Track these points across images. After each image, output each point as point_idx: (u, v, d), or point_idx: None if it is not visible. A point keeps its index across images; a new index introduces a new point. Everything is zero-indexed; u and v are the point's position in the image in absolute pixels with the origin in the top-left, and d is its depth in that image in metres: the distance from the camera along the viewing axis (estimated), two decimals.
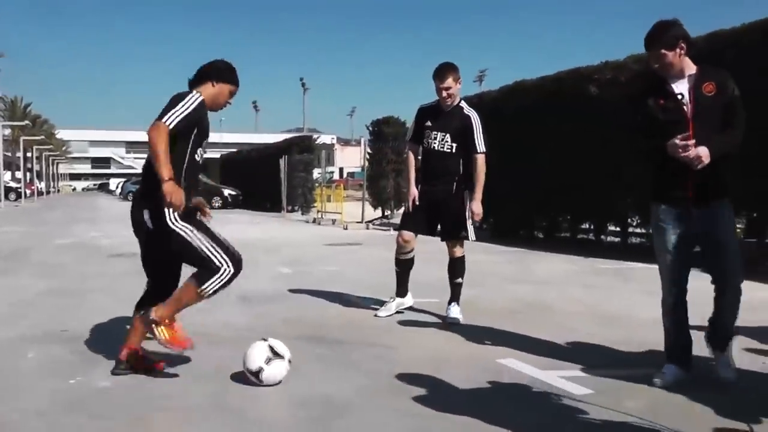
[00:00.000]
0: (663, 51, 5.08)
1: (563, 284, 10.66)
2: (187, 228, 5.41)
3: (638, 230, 15.76)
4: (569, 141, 15.95)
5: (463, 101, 7.80)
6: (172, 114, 5.28)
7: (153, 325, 5.47)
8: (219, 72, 5.71)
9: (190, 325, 7.31)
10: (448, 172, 7.65)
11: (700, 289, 5.43)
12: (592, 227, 17.03)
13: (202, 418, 4.68)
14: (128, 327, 5.80)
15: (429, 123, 7.75)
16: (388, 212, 28.51)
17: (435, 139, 7.67)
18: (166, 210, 5.29)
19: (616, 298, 9.36)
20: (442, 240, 7.90)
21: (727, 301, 5.36)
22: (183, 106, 5.34)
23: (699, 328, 5.64)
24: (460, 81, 7.65)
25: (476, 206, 7.59)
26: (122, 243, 16.94)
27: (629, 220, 15.72)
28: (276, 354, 5.41)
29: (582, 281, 10.97)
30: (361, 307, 8.59)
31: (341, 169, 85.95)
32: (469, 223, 7.68)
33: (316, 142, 39.99)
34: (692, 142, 4.95)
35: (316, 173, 37.00)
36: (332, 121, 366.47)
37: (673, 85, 5.14)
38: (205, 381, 5.48)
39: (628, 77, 14.71)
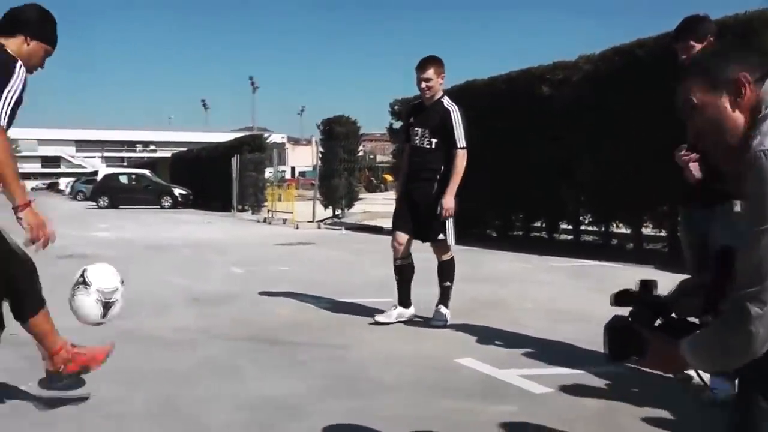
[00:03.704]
0: (692, 43, 5.02)
1: (518, 282, 10.65)
2: None
3: (590, 228, 15.85)
4: (522, 140, 15.97)
5: (445, 96, 7.57)
6: (4, 103, 3.94)
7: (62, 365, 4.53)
8: (37, 26, 4.31)
9: (141, 328, 7.20)
10: (428, 170, 7.42)
11: None
12: (544, 225, 17.09)
13: (152, 424, 4.55)
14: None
15: (412, 120, 7.61)
16: (339, 212, 28.40)
17: (417, 135, 7.47)
18: None
19: (571, 295, 9.36)
20: (423, 242, 7.66)
21: None
22: (13, 86, 3.99)
23: None
24: (443, 75, 7.47)
25: (447, 201, 7.31)
26: (71, 244, 16.67)
27: (581, 218, 15.80)
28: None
29: (536, 279, 10.97)
30: (314, 307, 8.48)
31: (293, 168, 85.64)
32: (449, 225, 7.44)
33: (267, 141, 39.81)
34: (690, 155, 4.90)
35: (268, 173, 36.79)
36: (282, 120, 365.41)
37: None
38: (155, 384, 5.34)
39: (580, 77, 14.80)
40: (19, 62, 4.08)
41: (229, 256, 14.42)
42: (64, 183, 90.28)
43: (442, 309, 7.50)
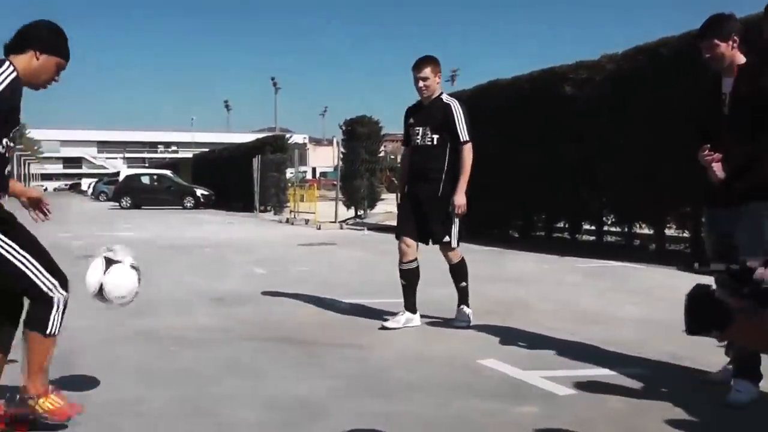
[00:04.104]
0: (716, 41, 4.97)
1: (540, 283, 10.61)
2: (2, 240, 4.14)
3: (613, 229, 15.77)
4: (544, 140, 15.92)
5: (443, 93, 7.47)
6: None
7: (30, 402, 4.29)
8: (47, 40, 4.29)
9: (163, 328, 7.23)
10: (432, 169, 7.26)
11: None
12: (567, 226, 17.02)
13: (175, 422, 4.56)
14: None
15: (412, 120, 7.46)
16: (361, 212, 28.41)
17: (418, 134, 7.33)
18: None
19: (593, 296, 9.31)
20: (426, 244, 7.50)
21: None
22: None
23: None
24: (439, 74, 7.37)
25: (459, 198, 7.17)
26: (92, 244, 16.74)
27: (604, 218, 15.73)
28: (111, 261, 4.67)
29: (559, 280, 10.92)
30: (336, 307, 8.47)
31: (314, 169, 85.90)
32: (454, 228, 7.28)
33: (289, 142, 39.86)
34: (713, 155, 4.86)
35: (289, 173, 36.85)
36: (304, 120, 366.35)
37: (723, 83, 5.04)
38: (177, 384, 5.35)
39: (603, 77, 14.73)
40: (8, 66, 4.07)
41: (252, 257, 14.45)
42: (86, 184, 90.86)
43: (465, 309, 7.45)
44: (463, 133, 7.24)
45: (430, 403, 4.92)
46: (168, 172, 50.05)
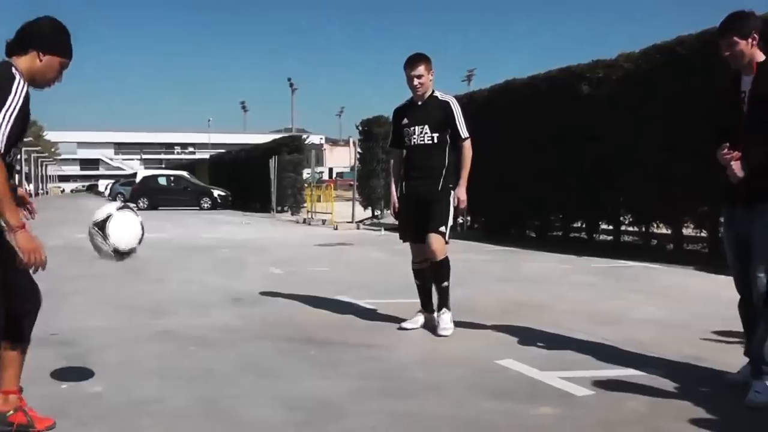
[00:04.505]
0: (735, 38, 4.94)
1: (557, 283, 10.57)
2: None
3: (630, 229, 15.69)
4: (561, 139, 15.85)
5: (437, 91, 7.34)
6: (1, 125, 3.87)
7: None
8: (49, 40, 4.19)
9: (181, 328, 7.25)
10: (432, 167, 7.17)
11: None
12: (584, 226, 16.95)
13: (193, 422, 4.57)
14: None
15: (406, 120, 7.31)
16: (378, 212, 28.39)
17: (415, 134, 7.21)
18: None
19: (610, 297, 9.26)
20: (423, 239, 7.24)
21: (749, 316, 5.08)
22: (11, 106, 3.90)
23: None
24: (432, 72, 7.23)
25: (461, 193, 7.16)
26: None
27: (621, 218, 15.64)
28: (129, 207, 4.90)
29: (575, 280, 10.88)
30: (352, 308, 8.47)
31: (330, 170, 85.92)
32: (450, 220, 7.21)
33: (306, 143, 39.89)
34: (732, 154, 4.83)
35: (306, 173, 36.88)
36: (320, 121, 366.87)
37: (742, 82, 5.01)
38: (195, 383, 5.36)
39: (620, 76, 14.66)
40: (17, 80, 3.99)
41: (269, 257, 14.47)
42: (103, 185, 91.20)
43: (446, 314, 7.15)
44: (463, 130, 7.21)
45: (446, 403, 4.92)
46: (184, 173, 50.16)
